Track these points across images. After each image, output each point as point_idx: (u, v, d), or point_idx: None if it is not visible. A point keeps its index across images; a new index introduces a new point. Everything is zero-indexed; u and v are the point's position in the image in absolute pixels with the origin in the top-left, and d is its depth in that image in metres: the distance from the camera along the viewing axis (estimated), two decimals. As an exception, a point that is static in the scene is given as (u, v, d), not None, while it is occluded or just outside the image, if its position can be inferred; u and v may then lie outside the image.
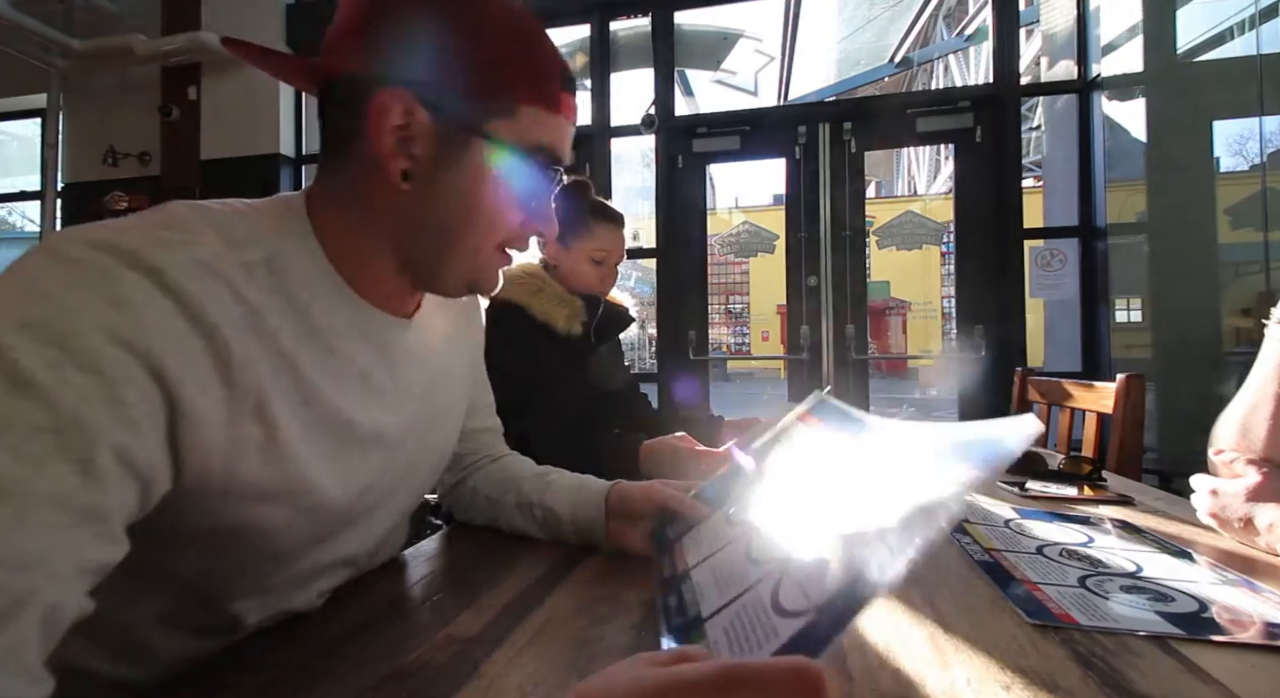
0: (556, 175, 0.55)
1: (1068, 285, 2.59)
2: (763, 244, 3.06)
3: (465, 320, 0.73)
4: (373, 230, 0.52)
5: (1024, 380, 1.69)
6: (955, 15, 7.84)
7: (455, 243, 0.52)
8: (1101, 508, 0.84)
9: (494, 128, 0.49)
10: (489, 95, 0.49)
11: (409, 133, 0.48)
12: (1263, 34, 2.33)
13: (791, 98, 6.62)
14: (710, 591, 0.43)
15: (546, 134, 0.52)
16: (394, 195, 0.50)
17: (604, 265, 1.25)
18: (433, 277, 0.55)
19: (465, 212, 0.51)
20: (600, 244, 1.24)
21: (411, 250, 0.53)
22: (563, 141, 0.54)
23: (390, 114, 0.47)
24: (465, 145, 0.49)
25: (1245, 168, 2.54)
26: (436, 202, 0.51)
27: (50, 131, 3.30)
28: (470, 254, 0.53)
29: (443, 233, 0.52)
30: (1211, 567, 0.60)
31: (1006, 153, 2.61)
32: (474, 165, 0.50)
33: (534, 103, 0.51)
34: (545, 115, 0.51)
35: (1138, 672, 0.41)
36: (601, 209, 1.27)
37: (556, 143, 0.53)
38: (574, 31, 3.17)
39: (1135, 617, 0.49)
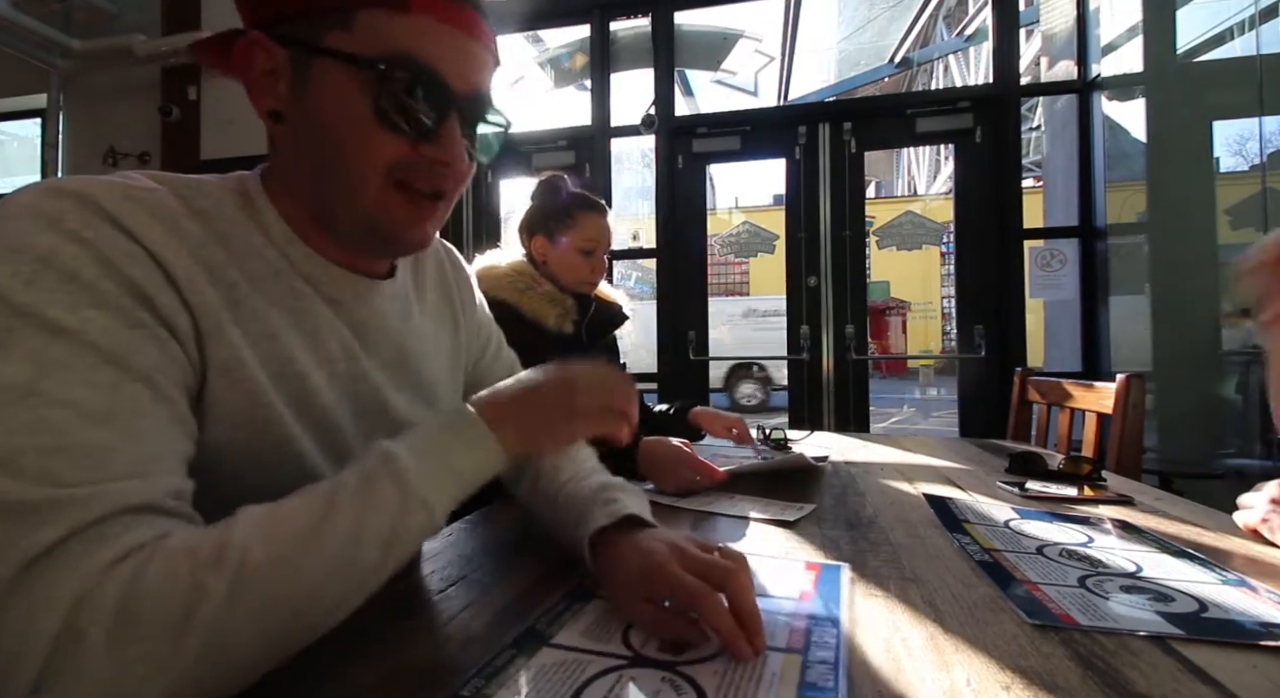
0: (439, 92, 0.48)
1: (1068, 285, 2.59)
2: (763, 244, 3.06)
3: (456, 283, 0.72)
4: (290, 186, 0.51)
5: (1024, 380, 1.69)
6: (955, 15, 7.84)
7: (332, 179, 0.49)
8: (1101, 508, 0.84)
9: (333, 42, 0.45)
10: (322, 9, 0.46)
11: (273, 74, 0.48)
12: (1263, 34, 2.33)
13: (791, 98, 6.62)
14: None
15: (399, 39, 0.46)
16: (281, 144, 0.51)
17: (593, 255, 1.25)
18: (334, 223, 0.52)
19: (327, 141, 0.47)
20: (587, 233, 1.23)
21: (309, 197, 0.51)
22: (432, 47, 0.47)
23: (253, 60, 0.48)
24: (309, 68, 0.47)
25: (1245, 168, 2.54)
26: (302, 136, 0.49)
27: (50, 131, 3.30)
28: (353, 190, 0.49)
29: (318, 170, 0.49)
30: (1211, 567, 0.60)
31: (1006, 153, 2.61)
32: (324, 89, 0.46)
33: (371, 5, 0.45)
34: (391, 18, 0.46)
35: (1138, 672, 0.41)
36: (583, 198, 1.27)
37: (420, 49, 0.46)
38: (574, 31, 3.18)
39: (1135, 617, 0.49)
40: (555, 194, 1.26)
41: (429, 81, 0.47)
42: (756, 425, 1.39)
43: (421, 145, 0.48)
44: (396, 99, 0.46)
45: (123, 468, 0.35)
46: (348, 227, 0.51)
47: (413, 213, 0.51)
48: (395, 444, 0.43)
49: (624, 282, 1.36)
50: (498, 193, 3.21)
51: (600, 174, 2.95)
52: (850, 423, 2.77)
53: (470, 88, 0.49)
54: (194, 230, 0.44)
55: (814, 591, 0.55)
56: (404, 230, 0.51)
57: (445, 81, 0.48)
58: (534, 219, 1.26)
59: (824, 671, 0.41)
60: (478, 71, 0.50)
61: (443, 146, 0.49)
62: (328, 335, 0.52)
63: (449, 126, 0.49)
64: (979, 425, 2.62)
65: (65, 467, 0.33)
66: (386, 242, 0.53)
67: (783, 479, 1.00)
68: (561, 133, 3.07)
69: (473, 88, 0.49)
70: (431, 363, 0.64)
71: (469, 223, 3.16)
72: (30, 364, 0.35)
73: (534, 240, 1.25)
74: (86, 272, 0.38)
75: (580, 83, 3.22)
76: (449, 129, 0.49)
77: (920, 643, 0.46)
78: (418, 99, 0.47)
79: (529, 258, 1.26)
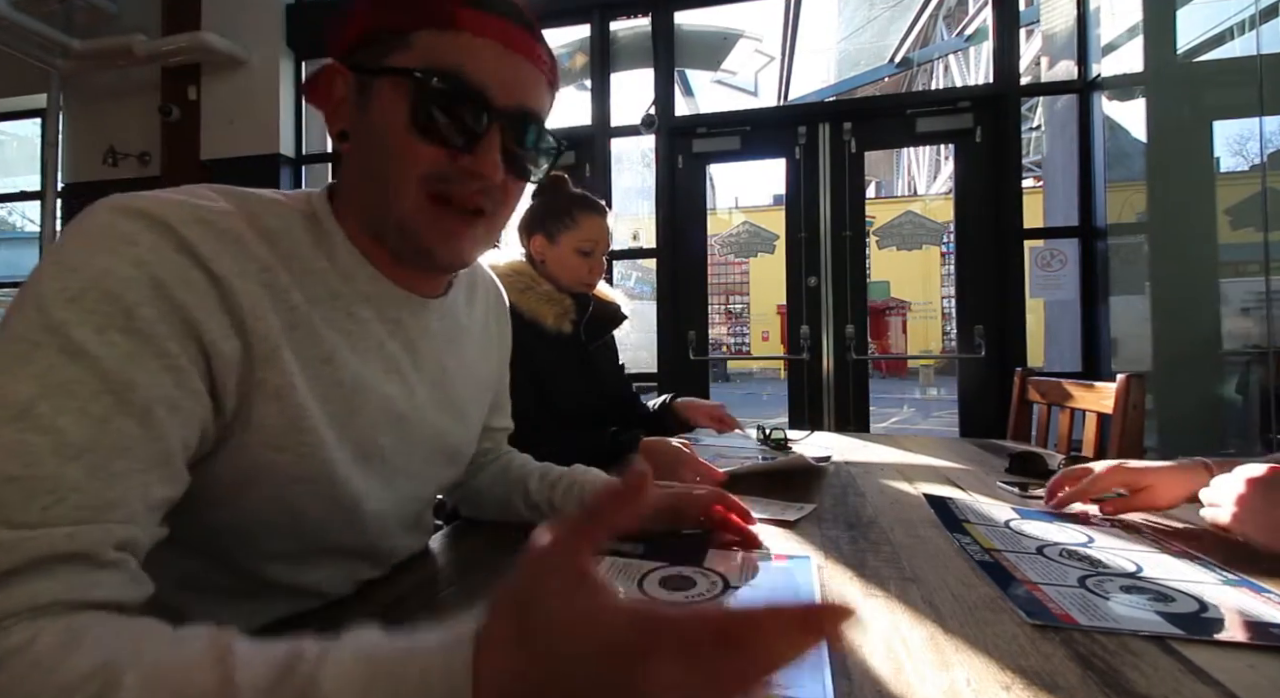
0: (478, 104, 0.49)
1: (1068, 285, 2.60)
2: (763, 244, 3.06)
3: (497, 317, 0.76)
4: (353, 203, 0.53)
5: (1024, 380, 1.69)
6: (955, 15, 7.84)
7: (377, 188, 0.51)
8: (1092, 505, 0.84)
9: (393, 62, 0.48)
10: (386, 34, 0.49)
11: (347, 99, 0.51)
12: (1263, 34, 2.33)
13: (791, 98, 6.62)
14: None
15: (448, 56, 0.48)
16: (346, 162, 0.53)
17: (592, 256, 1.25)
18: (383, 234, 0.53)
19: (375, 151, 0.50)
20: (586, 234, 1.24)
21: (363, 209, 0.53)
22: (475, 61, 0.48)
23: (332, 89, 0.51)
24: (371, 87, 0.49)
25: (1245, 168, 2.54)
26: (360, 151, 0.51)
27: (50, 131, 3.30)
28: (393, 198, 0.50)
29: (367, 181, 0.52)
30: (1212, 567, 0.60)
31: (1006, 153, 2.61)
32: (381, 104, 0.49)
33: (425, 26, 0.48)
34: (441, 35, 0.48)
35: (1138, 672, 0.41)
36: (583, 199, 1.27)
37: (465, 64, 0.48)
38: (574, 31, 3.18)
39: (1135, 617, 0.49)
40: (555, 194, 1.27)
41: (468, 93, 0.48)
42: (756, 425, 1.39)
43: (459, 157, 0.49)
44: (434, 109, 0.48)
45: (74, 511, 0.34)
46: (393, 238, 0.53)
47: (449, 227, 0.51)
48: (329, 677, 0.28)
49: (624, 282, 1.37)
50: (498, 193, 3.21)
51: (600, 174, 2.95)
52: (850, 423, 2.77)
53: (514, 103, 0.50)
54: (262, 254, 0.46)
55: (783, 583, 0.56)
56: (440, 243, 0.52)
57: (485, 94, 0.48)
58: (533, 219, 1.26)
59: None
60: (523, 88, 0.51)
61: (479, 159, 0.49)
62: (379, 354, 0.54)
63: (488, 140, 0.49)
64: (979, 425, 2.62)
65: (16, 499, 0.33)
66: (423, 254, 0.53)
67: (783, 479, 1.00)
68: (561, 133, 3.04)
69: (517, 103, 0.50)
70: (468, 382, 0.66)
71: (469, 223, 3.16)
72: (37, 383, 0.35)
73: (533, 240, 1.25)
74: (130, 295, 0.38)
75: (580, 83, 3.22)
76: (487, 143, 0.49)
77: (920, 643, 0.46)
78: (456, 110, 0.48)
79: (527, 257, 1.26)
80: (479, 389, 0.70)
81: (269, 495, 0.48)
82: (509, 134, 0.51)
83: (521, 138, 0.52)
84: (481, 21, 0.48)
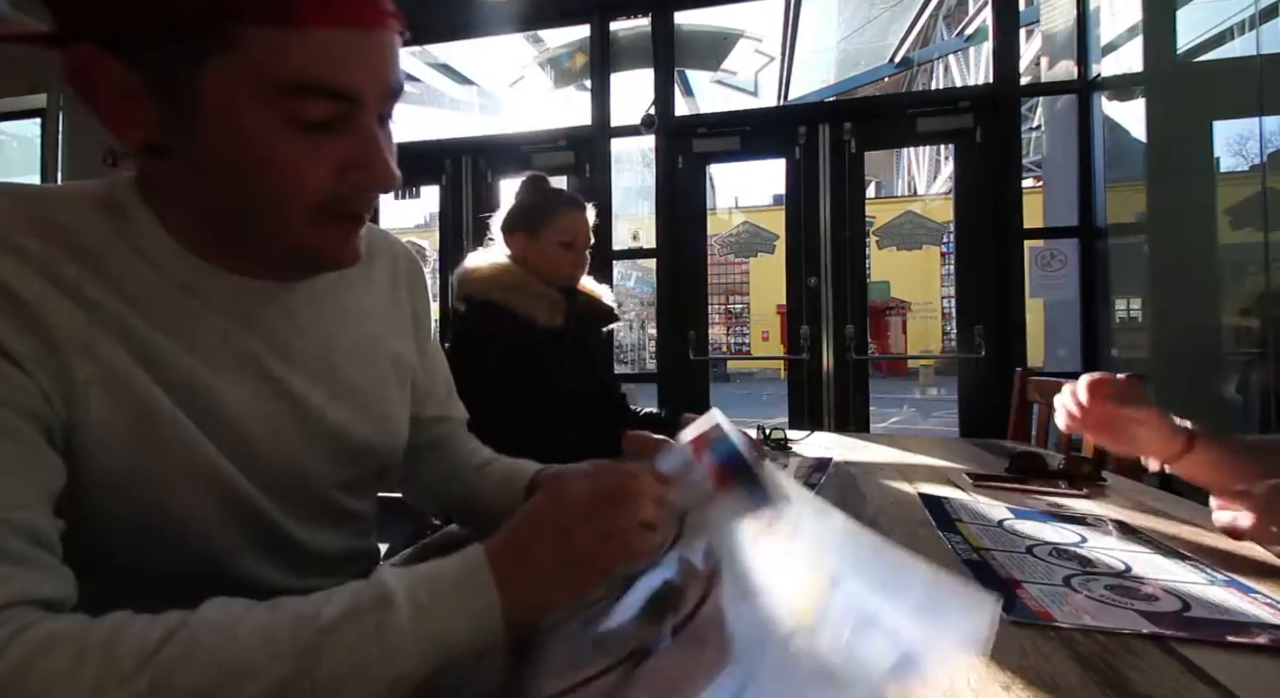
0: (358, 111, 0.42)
1: (1068, 285, 2.60)
2: (763, 244, 3.06)
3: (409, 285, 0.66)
4: (178, 206, 0.45)
5: (1024, 380, 1.69)
6: (955, 15, 7.85)
7: (254, 220, 0.44)
8: (1091, 504, 0.84)
9: (224, 68, 0.38)
10: (186, 24, 0.37)
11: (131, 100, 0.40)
12: (1263, 34, 2.33)
13: (791, 98, 6.62)
14: None
15: (307, 60, 0.39)
16: (167, 178, 0.44)
17: (573, 248, 1.27)
18: (257, 260, 0.47)
19: (240, 183, 0.41)
20: (565, 226, 1.26)
21: (214, 228, 0.45)
22: (342, 61, 0.40)
23: (95, 81, 0.39)
24: (195, 98, 0.39)
25: (1245, 168, 2.54)
26: (199, 175, 0.42)
27: (50, 131, 3.30)
28: (281, 229, 0.43)
29: (228, 209, 0.44)
30: (1203, 567, 0.60)
31: (1006, 153, 2.62)
32: (225, 123, 0.39)
33: (250, 19, 0.37)
34: (287, 34, 0.38)
35: (1138, 672, 0.41)
36: (559, 194, 1.30)
37: (331, 68, 0.39)
38: (574, 31, 3.18)
39: (1116, 615, 0.49)
40: (532, 192, 1.29)
41: (349, 104, 0.41)
42: (756, 425, 1.39)
43: (350, 173, 0.43)
44: (308, 130, 0.41)
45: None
46: (272, 265, 0.48)
47: (341, 235, 0.47)
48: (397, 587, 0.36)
49: (624, 282, 1.37)
50: (497, 192, 3.21)
51: (600, 174, 2.95)
52: (850, 423, 2.77)
53: (389, 89, 0.44)
54: (34, 246, 0.39)
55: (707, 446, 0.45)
56: (338, 254, 0.47)
57: (365, 99, 0.42)
58: (513, 218, 1.29)
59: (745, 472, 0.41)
60: (387, 66, 0.43)
61: (374, 172, 0.44)
62: (228, 350, 0.47)
63: (374, 144, 0.43)
64: (979, 426, 2.62)
65: None
66: (316, 267, 0.49)
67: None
68: (561, 133, 3.07)
69: (391, 87, 0.44)
70: (370, 366, 0.58)
71: (469, 222, 3.16)
72: None
73: (513, 238, 1.27)
74: None
75: (580, 83, 3.22)
76: (374, 148, 0.43)
77: (920, 643, 0.46)
78: (340, 126, 0.42)
79: (511, 257, 1.27)
80: (387, 372, 0.61)
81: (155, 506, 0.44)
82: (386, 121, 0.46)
83: (388, 117, 0.46)
84: (327, 6, 0.38)
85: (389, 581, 0.36)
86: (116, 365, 0.41)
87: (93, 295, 0.41)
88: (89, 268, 0.41)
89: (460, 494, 0.70)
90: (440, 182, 3.20)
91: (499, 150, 3.17)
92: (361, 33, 0.40)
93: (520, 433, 0.89)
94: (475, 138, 3.22)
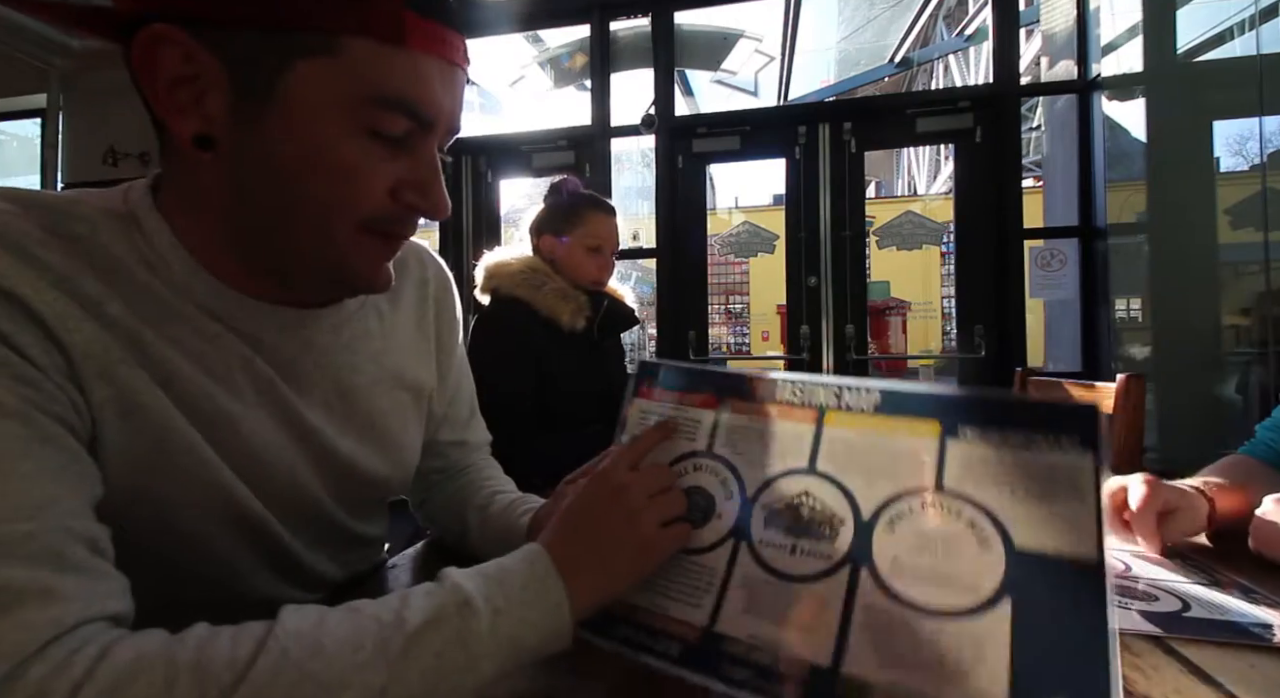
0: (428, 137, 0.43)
1: (1068, 285, 2.60)
2: (763, 244, 3.05)
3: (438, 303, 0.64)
4: (203, 218, 0.44)
5: (1024, 380, 1.69)
6: (955, 15, 7.84)
7: (289, 229, 0.42)
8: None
9: (313, 70, 0.38)
10: (292, 23, 0.38)
11: (198, 86, 0.39)
12: (1263, 34, 2.33)
13: (791, 98, 6.62)
14: None
15: (398, 78, 0.40)
16: (202, 171, 0.42)
17: (601, 253, 1.27)
18: (282, 273, 0.45)
19: (289, 188, 0.41)
20: (594, 230, 1.26)
21: (246, 241, 0.44)
22: (424, 87, 0.41)
23: (161, 60, 0.38)
24: (270, 97, 0.39)
25: (1245, 168, 2.54)
26: (249, 175, 0.41)
27: (50, 131, 3.30)
28: (327, 241, 0.42)
29: (269, 217, 0.42)
30: (1203, 567, 0.60)
31: (1006, 153, 2.61)
32: (288, 124, 0.39)
33: (362, 32, 0.38)
34: (385, 51, 0.39)
35: (1138, 672, 0.41)
36: (590, 198, 1.30)
37: (417, 91, 0.41)
38: (574, 31, 3.18)
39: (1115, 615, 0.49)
40: (564, 194, 1.29)
41: (420, 125, 0.42)
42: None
43: (404, 194, 0.43)
44: (383, 144, 0.41)
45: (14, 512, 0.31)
46: (296, 280, 0.46)
47: (379, 256, 0.46)
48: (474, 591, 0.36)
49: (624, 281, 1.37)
50: (497, 192, 3.21)
51: (600, 174, 2.94)
52: (850, 423, 2.77)
53: (455, 124, 0.45)
54: (54, 259, 0.38)
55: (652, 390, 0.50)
56: (371, 276, 0.46)
57: (435, 125, 0.43)
58: (543, 219, 1.29)
59: None
60: (458, 105, 0.45)
61: (429, 196, 0.44)
62: (246, 376, 0.46)
63: (434, 169, 0.44)
64: (979, 425, 2.62)
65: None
66: (345, 288, 0.48)
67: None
68: (561, 133, 3.07)
69: (456, 123, 0.45)
70: (389, 397, 0.57)
71: (469, 222, 3.16)
72: None
73: (542, 239, 1.28)
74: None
75: (580, 83, 3.22)
76: (434, 172, 0.44)
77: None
78: (407, 147, 0.42)
79: (538, 255, 1.28)
80: (405, 401, 0.60)
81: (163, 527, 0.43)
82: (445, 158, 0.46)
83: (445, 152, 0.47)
84: (430, 36, 0.40)
85: (464, 584, 0.36)
86: (135, 387, 0.41)
87: (113, 313, 0.40)
88: (108, 284, 0.40)
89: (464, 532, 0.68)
90: (440, 181, 3.20)
91: (499, 150, 3.17)
92: (449, 67, 0.43)
93: (529, 430, 0.89)
94: (475, 137, 3.22)
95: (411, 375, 0.60)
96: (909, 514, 0.37)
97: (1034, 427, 0.35)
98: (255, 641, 0.31)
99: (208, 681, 0.29)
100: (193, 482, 0.44)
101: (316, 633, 0.32)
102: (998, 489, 0.35)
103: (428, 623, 0.33)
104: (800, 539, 0.39)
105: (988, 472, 0.36)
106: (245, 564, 0.50)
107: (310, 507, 0.53)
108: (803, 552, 0.39)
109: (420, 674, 0.32)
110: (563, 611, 0.37)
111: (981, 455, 0.36)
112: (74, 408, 0.38)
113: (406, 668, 0.32)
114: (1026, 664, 0.31)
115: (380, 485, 0.59)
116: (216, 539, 0.47)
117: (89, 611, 0.31)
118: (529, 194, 3.37)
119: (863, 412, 0.41)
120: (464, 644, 0.34)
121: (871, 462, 0.39)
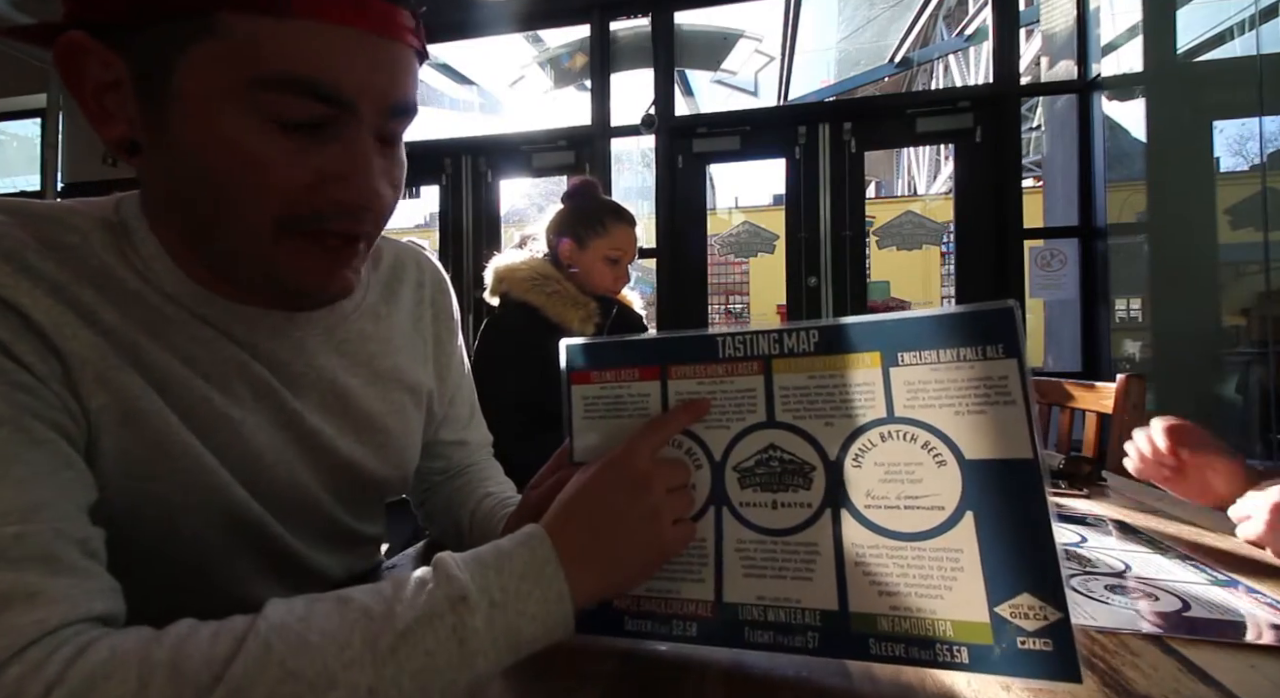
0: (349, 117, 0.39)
1: (1068, 285, 2.60)
2: (763, 244, 3.06)
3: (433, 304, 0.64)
4: (169, 224, 0.43)
5: (1024, 380, 1.69)
6: (955, 15, 7.84)
7: (218, 229, 0.40)
8: (1091, 504, 0.84)
9: (198, 55, 0.36)
10: (167, 7, 0.35)
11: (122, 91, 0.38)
12: (1263, 34, 2.33)
13: (791, 98, 6.61)
14: None
15: (287, 52, 0.36)
16: (145, 177, 0.42)
17: (619, 265, 1.27)
18: (234, 280, 0.44)
19: (205, 184, 0.38)
20: (616, 243, 1.26)
21: (191, 246, 0.43)
22: (328, 65, 0.36)
23: (85, 68, 0.37)
24: (167, 87, 0.37)
25: (1245, 168, 2.54)
26: (171, 174, 0.39)
27: (50, 132, 3.30)
28: (246, 242, 0.40)
29: (198, 218, 0.41)
30: (1203, 568, 0.60)
31: (1006, 153, 2.61)
32: (192, 116, 0.37)
33: (239, 7, 0.35)
34: (270, 23, 0.35)
35: (1138, 672, 0.41)
36: (615, 208, 1.29)
37: (309, 68, 0.36)
38: (574, 31, 3.18)
39: (1115, 614, 0.49)
40: (588, 200, 1.29)
41: (348, 111, 0.38)
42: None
43: (327, 187, 0.39)
44: (298, 133, 0.38)
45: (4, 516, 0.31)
46: (246, 280, 0.44)
47: (326, 262, 0.42)
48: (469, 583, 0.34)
49: (624, 282, 1.37)
50: (497, 192, 3.21)
51: (600, 174, 2.94)
52: (850, 423, 2.77)
53: (393, 103, 0.40)
54: (49, 269, 0.38)
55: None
56: (318, 283, 0.43)
57: (359, 108, 0.38)
58: (564, 222, 1.28)
59: None
60: (392, 78, 0.40)
61: (352, 186, 0.40)
62: (243, 379, 0.46)
63: (361, 158, 0.40)
64: (979, 425, 2.62)
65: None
66: (294, 295, 0.46)
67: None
68: (561, 133, 3.07)
69: (396, 102, 0.40)
70: (386, 398, 0.57)
71: (469, 222, 3.16)
72: None
73: (562, 243, 1.26)
74: None
75: (580, 83, 3.22)
76: (361, 161, 0.40)
77: (920, 643, 0.46)
78: (328, 134, 0.38)
79: (552, 259, 1.27)
80: (403, 402, 0.59)
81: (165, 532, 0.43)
82: (384, 137, 0.42)
83: (395, 138, 0.43)
84: (333, 2, 0.36)
85: (459, 575, 0.34)
86: (132, 393, 0.40)
87: (108, 321, 0.40)
88: (102, 292, 0.40)
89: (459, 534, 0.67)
90: (440, 181, 3.20)
91: (499, 150, 3.17)
92: (360, 34, 0.37)
93: (533, 433, 0.89)
94: (475, 138, 3.22)
95: (410, 377, 0.60)
96: (871, 449, 0.40)
97: (962, 341, 0.38)
98: (235, 638, 0.30)
99: (184, 679, 0.28)
100: (192, 485, 0.44)
101: (301, 628, 0.31)
102: (942, 409, 0.38)
103: (420, 619, 0.32)
104: (778, 493, 0.41)
105: (930, 394, 0.39)
106: (246, 566, 0.50)
107: (310, 507, 0.53)
108: (783, 504, 0.41)
109: (411, 673, 0.31)
110: (564, 602, 0.36)
111: (922, 379, 0.39)
112: (70, 414, 0.38)
113: (397, 667, 0.31)
114: (994, 567, 0.36)
115: (380, 485, 0.59)
116: (216, 542, 0.47)
117: (74, 612, 0.31)
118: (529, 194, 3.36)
119: (807, 353, 0.42)
120: (458, 641, 0.32)
121: (826, 403, 0.41)
